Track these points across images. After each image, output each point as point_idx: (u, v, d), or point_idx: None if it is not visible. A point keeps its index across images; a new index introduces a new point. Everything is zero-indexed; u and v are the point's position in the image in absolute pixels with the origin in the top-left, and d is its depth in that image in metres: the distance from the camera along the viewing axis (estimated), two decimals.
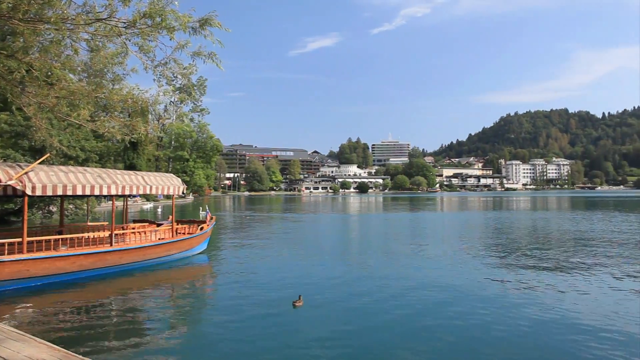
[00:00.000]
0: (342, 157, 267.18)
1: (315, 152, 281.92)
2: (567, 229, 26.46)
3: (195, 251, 16.70)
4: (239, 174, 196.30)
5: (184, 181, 19.77)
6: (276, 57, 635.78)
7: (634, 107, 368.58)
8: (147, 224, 17.82)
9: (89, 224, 16.90)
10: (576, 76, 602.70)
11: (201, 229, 17.33)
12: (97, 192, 12.88)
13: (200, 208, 40.66)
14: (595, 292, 10.55)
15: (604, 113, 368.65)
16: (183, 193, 17.17)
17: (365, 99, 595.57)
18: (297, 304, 9.56)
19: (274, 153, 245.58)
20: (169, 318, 8.90)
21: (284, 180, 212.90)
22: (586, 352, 6.77)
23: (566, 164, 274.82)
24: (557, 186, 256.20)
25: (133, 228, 16.09)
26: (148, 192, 15.04)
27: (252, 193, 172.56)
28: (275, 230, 27.73)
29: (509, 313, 8.84)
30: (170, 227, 16.08)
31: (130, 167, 59.07)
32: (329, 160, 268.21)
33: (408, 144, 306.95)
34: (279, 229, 28.74)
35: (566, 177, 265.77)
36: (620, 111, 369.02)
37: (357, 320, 8.52)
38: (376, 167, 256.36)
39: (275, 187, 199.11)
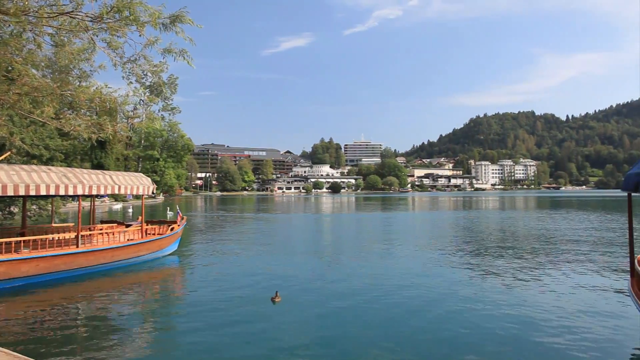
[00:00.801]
0: (315, 157, 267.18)
1: (288, 152, 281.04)
2: (534, 228, 27.18)
3: (165, 252, 16.37)
4: (210, 174, 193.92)
5: (154, 181, 19.37)
6: (249, 56, 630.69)
7: (595, 111, 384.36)
8: (116, 224, 17.35)
9: (54, 225, 16.32)
10: (542, 80, 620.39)
11: (172, 229, 16.99)
12: (62, 192, 12.44)
13: (168, 208, 39.90)
14: (559, 288, 10.82)
15: (567, 116, 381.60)
16: (153, 193, 16.81)
17: (338, 99, 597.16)
18: (275, 300, 9.69)
19: (246, 153, 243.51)
20: (139, 322, 8.65)
21: (256, 180, 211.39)
22: (552, 346, 6.92)
23: (533, 165, 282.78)
24: (525, 186, 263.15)
25: (101, 229, 15.63)
26: (116, 192, 14.63)
27: (224, 193, 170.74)
28: (248, 231, 27.47)
29: (480, 310, 8.97)
30: (140, 227, 15.70)
31: (98, 166, 57.53)
32: (302, 161, 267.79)
33: (380, 145, 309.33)
34: (251, 229, 28.49)
35: (533, 178, 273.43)
36: (582, 114, 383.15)
37: (333, 319, 8.51)
38: (349, 167, 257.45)
39: (247, 187, 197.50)
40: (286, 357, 6.74)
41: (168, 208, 39.94)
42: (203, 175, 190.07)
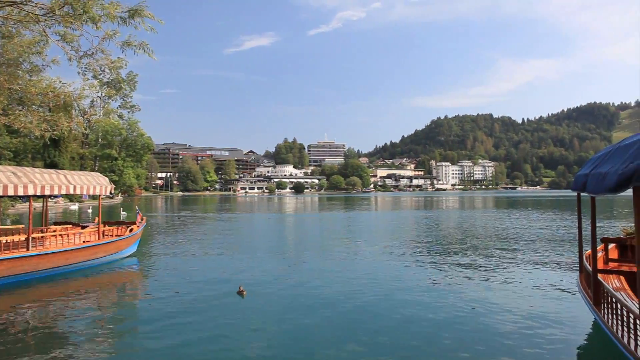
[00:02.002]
0: (278, 157, 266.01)
1: (251, 152, 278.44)
2: (491, 227, 28.05)
3: (124, 254, 15.87)
4: (171, 174, 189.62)
5: (112, 181, 18.74)
6: (211, 54, 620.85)
7: (549, 114, 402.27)
8: (71, 226, 16.65)
9: (3, 227, 15.51)
10: (500, 83, 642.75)
11: (130, 230, 16.49)
12: (10, 193, 11.81)
13: (122, 208, 38.62)
14: (513, 285, 11.18)
15: (523, 119, 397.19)
16: (111, 193, 16.26)
17: (302, 99, 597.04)
18: (243, 293, 10.08)
19: (208, 152, 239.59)
20: (95, 327, 8.29)
21: (218, 180, 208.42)
22: (502, 341, 7.14)
23: (491, 166, 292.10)
24: (483, 186, 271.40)
25: (54, 231, 14.96)
26: (71, 192, 14.03)
27: (186, 193, 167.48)
28: (210, 231, 27.02)
29: (435, 307, 9.14)
30: (96, 229, 15.15)
31: (51, 165, 55.22)
32: (265, 161, 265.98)
33: (344, 145, 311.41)
34: (213, 230, 28.03)
35: (491, 178, 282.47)
36: (537, 117, 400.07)
37: (298, 316, 8.47)
38: (312, 168, 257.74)
39: (209, 187, 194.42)
40: (250, 354, 6.68)
41: (121, 208, 38.51)
42: (164, 175, 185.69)
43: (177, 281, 12.06)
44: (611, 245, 9.40)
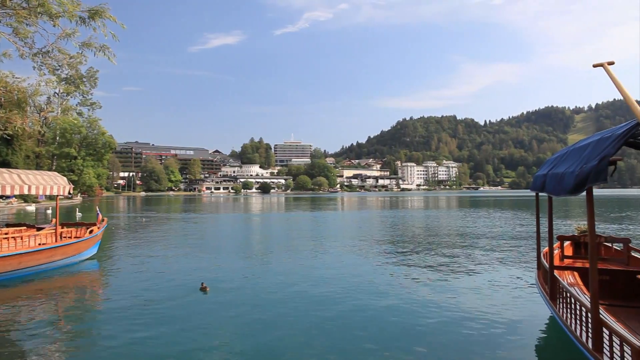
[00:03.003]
0: (245, 157, 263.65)
1: (217, 151, 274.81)
2: (454, 226, 28.71)
3: (83, 256, 15.31)
4: (134, 173, 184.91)
5: (71, 180, 18.05)
6: (176, 52, 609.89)
7: (509, 117, 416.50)
8: (25, 227, 15.93)
9: None
10: (463, 86, 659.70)
11: (91, 232, 15.93)
12: None
13: (77, 209, 37.34)
14: (474, 282, 11.45)
15: (485, 121, 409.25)
16: (70, 193, 15.62)
17: (269, 99, 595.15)
18: (206, 289, 10.30)
19: (172, 152, 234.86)
20: (52, 331, 7.92)
21: (183, 180, 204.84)
22: (460, 338, 7.31)
23: (454, 167, 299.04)
24: (447, 187, 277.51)
25: (6, 233, 14.28)
26: (26, 192, 13.39)
27: (149, 193, 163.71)
28: (174, 231, 26.45)
29: (398, 304, 9.26)
30: (53, 230, 14.57)
31: (3, 164, 52.87)
32: (231, 160, 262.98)
33: (310, 145, 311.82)
34: (177, 230, 27.46)
35: (454, 179, 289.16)
36: (498, 120, 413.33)
37: (262, 314, 8.40)
38: (279, 168, 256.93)
39: (174, 187, 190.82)
40: (213, 349, 6.62)
41: (77, 209, 37.21)
42: (126, 174, 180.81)
43: (139, 282, 11.81)
44: (566, 243, 9.78)
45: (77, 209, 37.32)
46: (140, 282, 11.85)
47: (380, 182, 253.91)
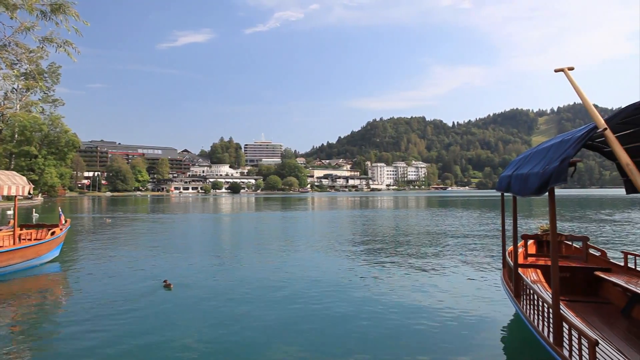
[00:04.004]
0: (214, 156, 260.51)
1: (186, 151, 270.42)
2: (423, 226, 29.13)
3: (44, 259, 14.75)
4: (99, 173, 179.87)
5: (31, 180, 17.37)
6: (143, 49, 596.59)
7: (476, 119, 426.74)
8: None
9: None
10: (432, 88, 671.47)
11: (52, 233, 15.36)
12: None
13: (34, 210, 35.95)
14: (441, 281, 11.65)
15: (453, 122, 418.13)
16: (29, 194, 15.03)
17: (239, 98, 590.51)
18: (169, 286, 10.45)
19: (140, 151, 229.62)
20: (10, 334, 7.61)
21: (151, 180, 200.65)
22: (426, 336, 7.43)
23: (423, 167, 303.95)
24: (416, 187, 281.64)
25: None
26: None
27: (115, 193, 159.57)
28: (141, 232, 25.82)
29: (366, 303, 9.33)
30: (11, 232, 13.99)
31: None
32: (200, 160, 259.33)
33: (281, 145, 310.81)
34: (144, 230, 26.82)
35: (423, 179, 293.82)
36: (466, 121, 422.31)
37: (229, 314, 8.31)
38: (249, 168, 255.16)
39: (141, 187, 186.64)
40: (176, 346, 6.58)
41: (33, 210, 35.73)
42: (91, 174, 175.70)
43: (102, 283, 11.57)
44: (530, 242, 10.08)
45: (34, 209, 35.86)
46: (103, 283, 11.60)
47: (351, 182, 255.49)
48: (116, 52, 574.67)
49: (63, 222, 16.91)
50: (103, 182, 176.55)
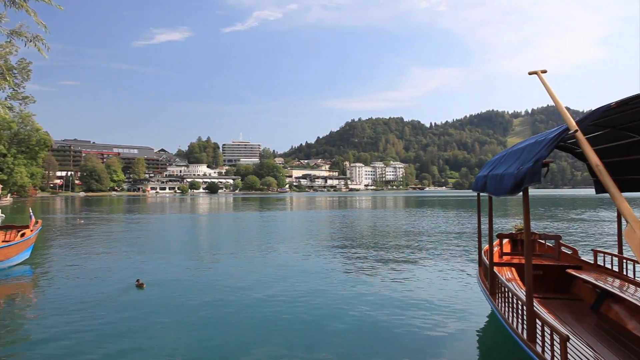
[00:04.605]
0: (192, 156, 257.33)
1: (163, 150, 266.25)
2: (401, 225, 29.39)
3: (13, 261, 14.30)
4: (73, 173, 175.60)
5: None
6: (118, 46, 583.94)
7: (453, 120, 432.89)
8: None
9: None
10: (410, 89, 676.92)
11: (22, 235, 14.92)
12: None
13: (0, 210, 34.85)
14: (420, 280, 11.78)
15: (431, 123, 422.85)
16: None
17: (217, 98, 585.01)
18: (142, 285, 10.52)
19: (115, 150, 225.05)
20: None
21: (127, 180, 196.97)
22: (403, 335, 7.50)
23: (401, 167, 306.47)
24: (394, 187, 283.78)
25: None
26: None
27: (90, 194, 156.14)
28: (114, 232, 25.32)
29: (343, 303, 9.35)
30: None
31: None
32: (177, 160, 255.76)
33: (259, 145, 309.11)
34: (118, 231, 26.31)
35: (401, 179, 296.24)
36: (443, 122, 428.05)
37: (205, 315, 8.24)
38: (227, 167, 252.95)
39: (117, 187, 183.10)
40: (149, 345, 6.57)
41: (0, 210, 34.57)
42: (64, 174, 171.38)
43: (74, 284, 11.37)
44: (505, 241, 10.26)
45: (1, 210, 34.69)
46: (75, 284, 11.39)
47: (329, 182, 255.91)
48: (89, 48, 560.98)
49: (34, 223, 16.44)
50: (77, 182, 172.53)
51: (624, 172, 7.43)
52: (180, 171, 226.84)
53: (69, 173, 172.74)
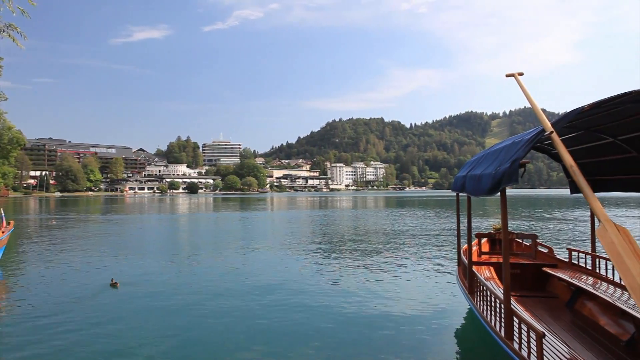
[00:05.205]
0: (171, 156, 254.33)
1: (141, 149, 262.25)
2: (381, 225, 29.56)
3: None
4: (48, 172, 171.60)
5: None
6: (95, 43, 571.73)
7: (433, 121, 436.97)
8: None
9: None
10: (390, 90, 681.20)
11: None
12: None
13: None
14: (401, 279, 11.85)
15: (411, 124, 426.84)
16: None
17: (197, 97, 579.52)
18: (116, 285, 10.56)
19: (92, 149, 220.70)
20: None
21: (104, 180, 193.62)
22: (381, 334, 7.55)
23: (382, 168, 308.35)
24: (375, 187, 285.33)
25: None
26: None
27: (65, 194, 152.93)
28: (91, 233, 24.79)
29: (322, 302, 9.34)
30: None
31: None
32: (157, 159, 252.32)
33: (239, 145, 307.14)
34: (96, 232, 25.77)
35: (382, 179, 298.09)
36: (423, 123, 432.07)
37: (179, 316, 8.15)
38: (207, 167, 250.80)
39: (93, 188, 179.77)
40: (125, 345, 6.58)
41: None
42: (38, 173, 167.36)
43: (47, 286, 11.18)
44: (484, 240, 10.42)
45: None
46: (48, 286, 11.20)
47: (310, 182, 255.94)
48: (66, 45, 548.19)
49: (5, 224, 16.00)
50: (52, 182, 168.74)
51: (597, 172, 7.63)
52: (160, 171, 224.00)
53: (44, 173, 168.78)
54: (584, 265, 8.20)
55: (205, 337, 7.35)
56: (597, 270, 7.79)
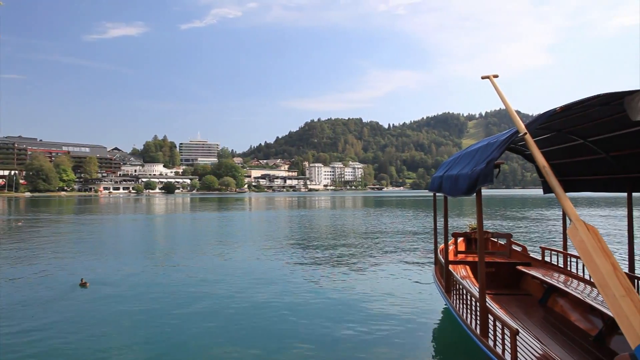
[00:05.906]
0: (147, 155, 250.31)
1: (116, 149, 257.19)
2: (359, 225, 29.73)
3: None
4: (17, 172, 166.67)
5: None
6: (68, 39, 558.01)
7: (411, 121, 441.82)
8: None
9: None
10: (369, 90, 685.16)
11: None
12: None
13: None
14: (378, 279, 11.94)
15: (389, 124, 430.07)
16: None
17: (174, 96, 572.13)
18: (85, 284, 10.54)
19: (65, 148, 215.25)
20: None
21: (77, 180, 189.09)
22: (359, 334, 7.61)
23: (360, 168, 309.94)
24: (353, 187, 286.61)
25: None
26: None
27: (36, 194, 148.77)
28: (63, 234, 24.14)
29: (298, 301, 9.37)
30: None
31: None
32: (132, 159, 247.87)
33: (217, 144, 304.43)
34: (67, 233, 25.11)
35: (360, 179, 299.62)
36: (401, 123, 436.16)
37: (142, 310, 8.18)
38: (184, 167, 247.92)
39: (66, 188, 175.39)
40: (89, 346, 6.40)
41: None
42: (6, 173, 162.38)
43: (14, 288, 10.93)
44: (460, 239, 10.58)
45: None
46: (15, 287, 10.99)
47: (288, 182, 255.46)
48: (36, 40, 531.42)
49: None
50: (22, 181, 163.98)
51: (568, 173, 7.84)
52: (135, 171, 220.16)
53: (13, 172, 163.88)
54: (556, 263, 8.41)
55: (175, 337, 7.28)
56: (569, 268, 8.01)
